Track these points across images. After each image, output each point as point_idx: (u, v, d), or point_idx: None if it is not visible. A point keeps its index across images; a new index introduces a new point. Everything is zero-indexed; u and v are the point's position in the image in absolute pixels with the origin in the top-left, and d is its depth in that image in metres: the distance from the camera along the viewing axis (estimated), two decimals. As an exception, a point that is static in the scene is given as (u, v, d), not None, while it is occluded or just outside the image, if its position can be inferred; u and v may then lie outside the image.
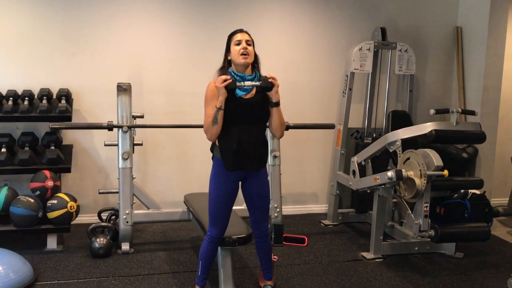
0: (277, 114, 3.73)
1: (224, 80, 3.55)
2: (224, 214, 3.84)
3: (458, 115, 4.84)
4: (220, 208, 3.80)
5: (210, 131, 3.63)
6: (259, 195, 3.88)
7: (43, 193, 5.00)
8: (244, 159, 3.70)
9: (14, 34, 5.56)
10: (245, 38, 3.69)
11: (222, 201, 3.80)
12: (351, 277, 4.66)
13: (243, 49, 3.64)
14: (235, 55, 3.66)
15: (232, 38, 3.72)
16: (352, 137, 6.32)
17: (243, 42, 3.66)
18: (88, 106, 5.81)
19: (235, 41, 3.68)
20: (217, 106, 3.58)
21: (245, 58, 3.65)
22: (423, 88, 6.83)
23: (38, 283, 4.33)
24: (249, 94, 3.70)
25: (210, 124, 3.60)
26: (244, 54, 3.65)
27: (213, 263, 3.99)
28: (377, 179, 4.92)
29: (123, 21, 5.82)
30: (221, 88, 3.55)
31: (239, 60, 3.66)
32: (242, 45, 3.65)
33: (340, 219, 6.24)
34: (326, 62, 6.47)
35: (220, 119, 3.59)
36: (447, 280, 4.66)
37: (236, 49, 3.66)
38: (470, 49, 6.63)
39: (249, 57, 3.66)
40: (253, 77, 3.71)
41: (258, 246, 4.06)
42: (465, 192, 5.27)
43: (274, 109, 3.72)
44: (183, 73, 6.05)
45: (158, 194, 5.82)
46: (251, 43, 3.72)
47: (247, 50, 3.65)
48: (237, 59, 3.66)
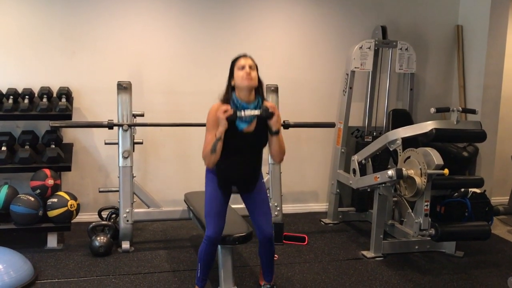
0: (277, 142, 3.77)
1: (225, 110, 3.57)
2: (220, 215, 3.86)
3: (458, 114, 4.84)
4: (216, 210, 3.85)
5: (208, 159, 3.67)
6: (259, 206, 3.94)
7: (44, 191, 5.00)
8: (239, 184, 3.89)
9: (14, 32, 5.56)
10: (248, 63, 3.67)
11: (218, 202, 3.86)
12: (351, 276, 4.66)
13: (246, 73, 3.63)
14: (239, 79, 3.66)
15: (236, 63, 3.71)
16: (353, 136, 6.32)
17: (247, 67, 3.64)
18: (89, 105, 5.80)
19: (238, 66, 3.67)
20: (216, 136, 3.61)
21: (248, 81, 3.64)
22: (423, 87, 6.83)
23: (39, 281, 4.33)
24: (250, 127, 3.72)
25: (208, 152, 3.64)
26: (248, 78, 3.64)
27: (212, 264, 3.98)
28: (377, 177, 4.92)
29: (124, 20, 5.82)
30: (222, 119, 3.57)
31: (242, 83, 3.65)
32: (246, 70, 3.63)
33: (340, 217, 6.24)
34: (326, 60, 6.47)
35: (218, 149, 3.62)
36: (447, 279, 4.66)
37: (240, 74, 3.65)
38: (470, 47, 6.62)
39: (252, 80, 3.66)
40: (256, 104, 3.72)
41: (262, 250, 4.03)
42: (466, 191, 5.26)
43: (274, 138, 3.75)
44: (184, 71, 6.05)
45: (158, 193, 5.82)
46: (255, 68, 3.71)
47: (251, 75, 3.65)
48: (241, 83, 3.65)
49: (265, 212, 3.94)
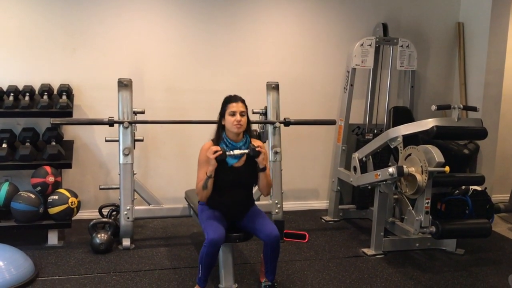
0: (264, 178, 4.05)
1: (214, 151, 3.80)
2: (219, 222, 3.98)
3: (459, 111, 4.83)
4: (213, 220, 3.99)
5: (201, 194, 4.00)
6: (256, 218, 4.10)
7: (44, 188, 5.00)
8: (232, 215, 4.12)
9: (15, 29, 5.55)
10: (240, 109, 3.96)
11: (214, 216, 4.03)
12: (352, 273, 4.66)
13: (236, 121, 3.92)
14: (229, 124, 3.97)
15: (227, 107, 4.00)
16: (353, 133, 6.32)
17: (237, 114, 3.94)
18: (89, 102, 5.80)
19: (229, 111, 3.96)
20: (207, 174, 3.88)
21: (238, 128, 3.96)
22: (424, 84, 6.82)
23: (39, 278, 4.33)
24: (239, 162, 4.00)
25: (201, 188, 3.95)
26: (238, 125, 3.93)
27: (214, 266, 3.97)
28: (378, 175, 4.92)
29: (124, 17, 5.81)
30: (212, 159, 3.80)
31: (232, 129, 3.97)
32: (236, 118, 3.93)
33: (341, 215, 6.24)
34: (327, 57, 6.46)
35: (210, 186, 3.92)
36: (448, 277, 4.66)
37: (231, 120, 3.94)
38: (471, 45, 6.61)
39: (241, 127, 3.97)
40: (244, 143, 4.03)
41: (268, 252, 4.02)
42: (466, 189, 5.26)
43: (261, 174, 4.02)
44: (185, 68, 6.04)
45: (159, 190, 5.82)
46: (245, 112, 3.99)
47: (241, 123, 3.92)
48: (231, 128, 3.97)
49: (264, 218, 4.10)
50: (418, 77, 6.59)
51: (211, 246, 3.83)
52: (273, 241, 3.94)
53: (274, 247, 3.98)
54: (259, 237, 4.01)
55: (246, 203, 4.16)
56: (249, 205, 4.19)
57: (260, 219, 4.06)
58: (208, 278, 3.99)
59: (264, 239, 3.96)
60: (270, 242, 3.95)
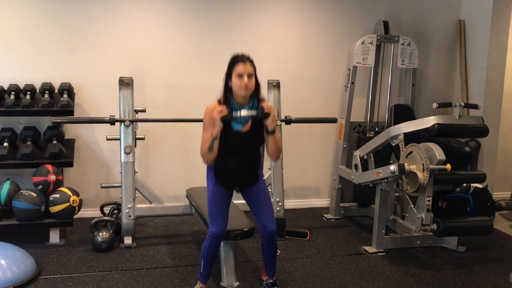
0: (273, 141, 3.79)
1: (220, 111, 3.61)
2: (223, 212, 3.89)
3: (460, 109, 4.83)
4: (218, 207, 3.87)
5: (206, 157, 3.75)
6: (260, 201, 3.94)
7: (46, 187, 5.00)
8: (238, 183, 3.91)
9: (16, 28, 5.55)
10: (247, 71, 3.64)
11: (219, 201, 3.88)
12: (353, 271, 4.66)
13: (244, 85, 3.62)
14: (236, 87, 3.65)
15: (234, 68, 3.66)
16: (355, 131, 6.32)
17: (245, 76, 3.62)
18: (90, 100, 5.80)
19: (237, 73, 3.63)
20: (212, 135, 3.66)
21: (246, 91, 3.65)
22: (425, 82, 6.82)
23: (41, 276, 4.34)
24: (245, 127, 3.75)
25: (206, 150, 3.70)
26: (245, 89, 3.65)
27: (215, 260, 4.00)
28: (379, 173, 4.92)
29: (125, 15, 5.81)
30: (217, 119, 3.61)
31: (239, 93, 3.66)
32: (244, 81, 3.62)
33: (342, 213, 6.24)
34: (328, 55, 6.46)
35: (215, 148, 3.68)
36: (449, 274, 4.66)
37: (238, 82, 3.63)
38: (473, 42, 6.61)
39: (249, 90, 3.67)
40: (251, 106, 3.73)
41: (265, 244, 4.02)
42: (468, 186, 5.26)
43: (270, 137, 3.77)
44: (186, 66, 6.04)
45: (160, 188, 5.82)
46: (253, 74, 3.69)
47: (248, 86, 3.64)
48: (238, 91, 3.67)
49: (266, 206, 3.95)
50: (419, 75, 6.58)
51: (214, 239, 3.86)
52: (267, 235, 3.92)
53: (269, 241, 3.97)
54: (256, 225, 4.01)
55: (252, 170, 3.91)
56: (255, 173, 3.93)
57: (261, 205, 3.93)
58: (210, 273, 4.00)
59: (260, 230, 3.96)
60: (266, 235, 3.93)
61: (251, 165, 3.90)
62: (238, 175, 3.87)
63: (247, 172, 3.89)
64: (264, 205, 3.94)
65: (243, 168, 3.85)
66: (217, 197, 3.88)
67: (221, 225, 3.86)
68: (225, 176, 3.84)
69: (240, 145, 3.77)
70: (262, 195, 3.96)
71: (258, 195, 3.94)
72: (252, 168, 3.91)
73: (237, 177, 3.88)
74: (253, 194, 3.94)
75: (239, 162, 3.81)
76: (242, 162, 3.82)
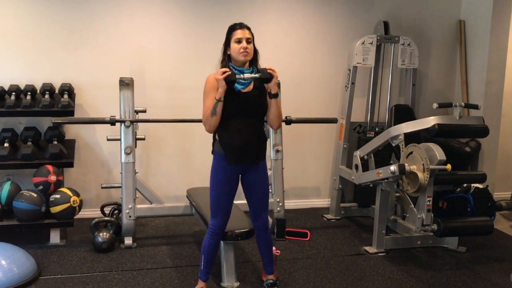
0: (275, 106, 3.79)
1: (223, 72, 3.60)
2: (225, 206, 3.86)
3: (461, 109, 4.83)
4: (221, 199, 3.84)
5: (209, 122, 3.69)
6: (258, 186, 3.90)
7: (46, 187, 5.01)
8: (244, 153, 3.76)
9: (16, 28, 5.55)
10: (246, 36, 3.69)
11: (222, 192, 3.84)
12: (353, 271, 4.66)
13: (243, 48, 3.67)
14: (235, 52, 3.70)
15: (232, 34, 3.72)
16: (355, 131, 6.32)
17: (244, 41, 3.67)
18: (91, 101, 5.80)
19: (235, 39, 3.69)
20: (216, 98, 3.62)
21: (245, 56, 3.69)
22: (426, 82, 6.82)
23: (42, 277, 4.34)
24: (247, 88, 3.74)
25: (209, 115, 3.66)
26: (245, 53, 3.68)
27: (215, 257, 4.00)
28: (379, 173, 4.92)
29: (126, 15, 5.81)
30: (221, 80, 3.59)
31: (238, 57, 3.70)
32: (243, 45, 3.67)
33: (342, 213, 6.24)
34: (328, 56, 6.46)
35: (219, 111, 3.64)
36: (450, 274, 4.66)
37: (237, 47, 3.68)
38: (473, 42, 6.61)
39: (248, 55, 3.70)
40: (251, 71, 3.74)
41: (258, 239, 4.06)
42: (468, 186, 5.26)
43: (273, 101, 3.77)
44: (186, 67, 6.04)
45: (160, 189, 5.82)
46: (251, 40, 3.73)
47: (247, 50, 3.68)
48: (237, 57, 3.70)
49: (262, 195, 3.94)
50: (419, 75, 6.58)
51: (213, 235, 3.87)
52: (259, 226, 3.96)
53: (261, 234, 3.99)
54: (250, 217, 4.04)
55: (257, 139, 3.81)
56: (261, 145, 3.86)
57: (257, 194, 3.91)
58: (209, 271, 4.00)
59: (252, 221, 4.00)
60: (257, 226, 3.98)
61: (256, 132, 3.81)
62: (243, 143, 3.74)
63: (252, 140, 3.79)
64: (260, 197, 3.93)
65: (248, 135, 3.75)
66: (220, 188, 3.83)
67: (221, 219, 3.86)
68: (229, 145, 3.73)
69: (243, 108, 3.72)
70: (261, 184, 3.91)
71: (257, 183, 3.90)
72: (257, 137, 3.83)
73: (242, 145, 3.74)
74: (253, 180, 3.88)
75: (244, 128, 3.73)
76: (247, 127, 3.74)
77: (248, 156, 3.80)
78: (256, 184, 3.89)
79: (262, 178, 3.92)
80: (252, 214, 3.98)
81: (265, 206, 3.98)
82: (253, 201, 3.94)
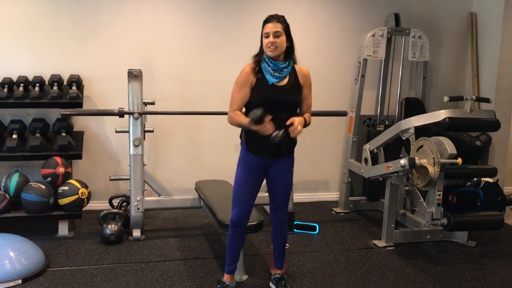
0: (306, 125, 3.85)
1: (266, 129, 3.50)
2: (246, 197, 3.81)
3: (472, 103, 4.79)
4: (242, 190, 3.80)
5: (232, 122, 3.71)
6: (281, 182, 3.86)
7: (54, 179, 5.01)
8: (271, 146, 3.63)
9: (24, 20, 5.54)
10: (273, 30, 3.62)
11: (244, 183, 3.79)
12: (362, 265, 4.64)
13: (270, 43, 3.61)
14: (264, 47, 3.66)
15: (264, 28, 3.68)
16: (365, 125, 6.28)
17: (271, 36, 3.61)
18: (99, 93, 5.80)
19: (264, 33, 3.65)
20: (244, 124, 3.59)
21: (272, 51, 3.63)
22: (436, 75, 6.77)
23: (50, 269, 4.34)
24: (281, 82, 3.68)
25: (234, 120, 3.66)
26: (272, 48, 3.62)
27: (238, 250, 3.96)
28: (389, 167, 4.89)
29: (135, 7, 5.79)
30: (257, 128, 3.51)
31: (267, 52, 3.65)
32: (270, 40, 3.61)
33: (351, 207, 6.22)
34: (338, 48, 6.42)
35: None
36: (460, 269, 4.63)
37: (265, 42, 3.64)
38: (484, 35, 6.55)
39: (276, 49, 3.63)
40: (287, 65, 3.69)
41: (274, 234, 4.05)
42: (478, 180, 5.22)
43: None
44: (195, 59, 6.01)
45: (169, 181, 5.81)
46: (282, 33, 3.67)
47: (275, 44, 3.61)
48: (266, 51, 3.66)
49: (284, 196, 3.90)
50: (430, 68, 6.54)
51: (232, 227, 3.86)
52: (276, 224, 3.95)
53: (278, 231, 3.99)
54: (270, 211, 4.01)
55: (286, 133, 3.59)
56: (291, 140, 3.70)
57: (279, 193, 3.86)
58: (234, 264, 3.97)
59: (270, 217, 3.99)
60: (275, 225, 3.96)
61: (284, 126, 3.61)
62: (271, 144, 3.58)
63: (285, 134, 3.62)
64: (281, 193, 3.89)
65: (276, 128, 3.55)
66: (243, 178, 3.79)
67: (239, 211, 3.81)
68: (255, 136, 3.60)
69: (274, 101, 3.64)
70: (284, 180, 3.87)
71: (281, 181, 3.84)
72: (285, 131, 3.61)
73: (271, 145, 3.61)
74: (276, 175, 3.82)
75: (274, 120, 3.55)
76: (276, 120, 3.56)
77: (274, 149, 3.70)
78: (279, 179, 3.85)
79: (287, 174, 3.88)
80: (272, 209, 3.96)
81: (285, 203, 3.95)
82: (274, 197, 3.92)
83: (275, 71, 3.65)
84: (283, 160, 3.82)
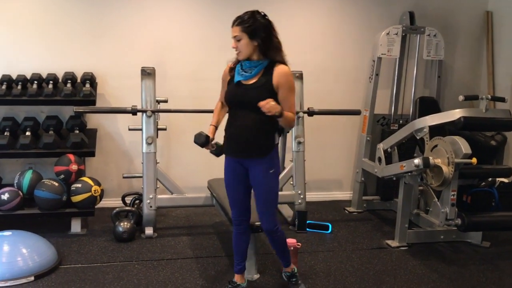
0: (283, 122, 3.58)
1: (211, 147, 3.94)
2: (233, 198, 3.82)
3: (487, 102, 4.76)
4: (228, 190, 3.84)
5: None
6: (258, 188, 3.71)
7: (67, 176, 5.02)
8: (239, 145, 3.66)
9: (38, 17, 5.56)
10: (233, 34, 3.70)
11: (227, 183, 3.83)
12: (375, 265, 4.61)
13: (233, 47, 3.70)
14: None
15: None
16: (378, 124, 6.25)
17: (233, 41, 3.70)
18: (112, 90, 5.81)
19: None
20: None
21: (237, 54, 3.71)
22: (451, 74, 6.72)
23: (62, 266, 4.36)
24: (249, 80, 3.61)
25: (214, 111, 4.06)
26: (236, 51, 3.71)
27: (243, 249, 3.93)
28: (403, 166, 4.85)
29: (149, 4, 5.79)
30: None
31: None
32: (232, 44, 3.71)
33: (364, 206, 6.19)
34: (352, 46, 6.39)
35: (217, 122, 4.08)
36: (474, 270, 4.59)
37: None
38: (500, 34, 6.50)
39: (240, 53, 3.67)
40: (257, 65, 3.62)
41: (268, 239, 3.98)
42: (493, 180, 5.18)
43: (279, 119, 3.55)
44: (209, 57, 6.00)
45: (181, 179, 5.80)
46: (241, 37, 3.66)
47: (237, 48, 3.69)
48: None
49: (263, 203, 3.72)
50: (445, 67, 6.48)
51: (235, 226, 3.87)
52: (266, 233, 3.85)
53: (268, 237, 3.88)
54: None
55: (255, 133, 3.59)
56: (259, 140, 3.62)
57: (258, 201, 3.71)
58: (242, 263, 3.95)
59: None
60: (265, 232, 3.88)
61: (254, 125, 3.57)
62: (235, 133, 3.66)
63: (246, 132, 3.61)
64: (260, 199, 3.73)
65: (244, 126, 3.59)
66: (226, 178, 3.83)
67: (237, 210, 3.83)
68: (226, 133, 3.77)
69: (239, 99, 3.61)
70: (260, 186, 3.70)
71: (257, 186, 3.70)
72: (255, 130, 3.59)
73: (235, 135, 3.66)
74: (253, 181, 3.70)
75: (240, 118, 3.61)
76: (243, 118, 3.59)
77: (242, 148, 3.66)
78: (255, 183, 3.72)
79: (262, 180, 3.69)
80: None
81: (265, 210, 3.75)
82: (255, 202, 3.79)
83: (244, 70, 3.65)
84: (258, 163, 3.67)
